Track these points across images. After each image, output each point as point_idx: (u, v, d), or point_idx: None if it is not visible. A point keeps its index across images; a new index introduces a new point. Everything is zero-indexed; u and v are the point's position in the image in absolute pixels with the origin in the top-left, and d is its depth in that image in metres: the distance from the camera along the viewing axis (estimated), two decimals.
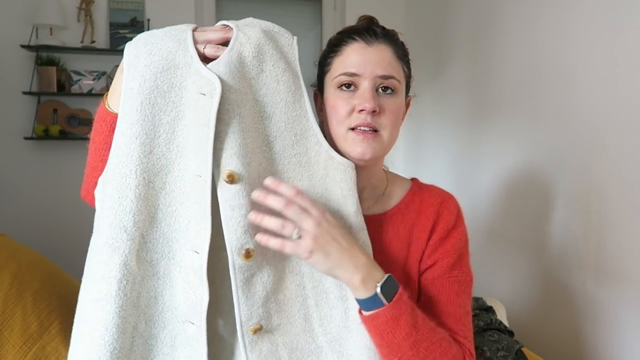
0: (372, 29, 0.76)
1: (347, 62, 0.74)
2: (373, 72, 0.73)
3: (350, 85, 0.74)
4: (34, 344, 1.20)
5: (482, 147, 2.16)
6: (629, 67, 1.38)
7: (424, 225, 0.82)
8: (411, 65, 0.85)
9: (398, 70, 0.76)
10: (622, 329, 1.42)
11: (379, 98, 0.74)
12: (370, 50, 0.74)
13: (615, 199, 1.43)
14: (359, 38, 0.75)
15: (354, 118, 0.73)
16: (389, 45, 0.76)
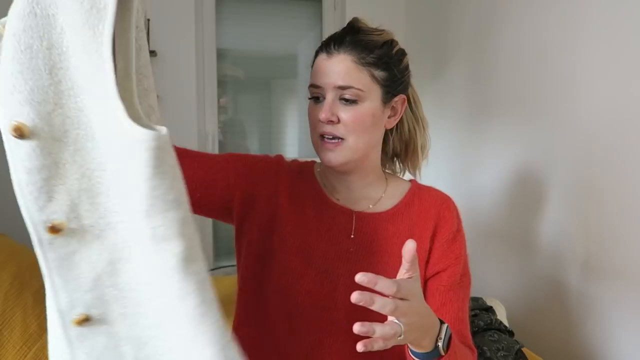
0: (339, 38, 0.78)
1: (314, 75, 0.80)
2: (332, 84, 0.77)
3: (319, 97, 0.79)
4: (34, 344, 1.20)
5: (482, 147, 2.16)
6: (628, 67, 1.38)
7: (425, 226, 0.84)
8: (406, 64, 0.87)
9: (360, 78, 0.77)
10: (622, 329, 1.42)
11: (339, 108, 0.78)
12: (330, 62, 0.78)
13: (615, 199, 1.43)
14: (323, 49, 0.80)
15: (319, 127, 0.79)
16: (349, 53, 0.77)
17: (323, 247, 0.82)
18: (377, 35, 0.80)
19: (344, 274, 0.80)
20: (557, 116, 1.67)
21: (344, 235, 0.83)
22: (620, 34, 1.41)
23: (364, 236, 0.83)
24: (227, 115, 2.98)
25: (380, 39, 0.80)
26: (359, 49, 0.78)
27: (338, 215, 0.85)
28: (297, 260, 0.81)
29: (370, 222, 0.83)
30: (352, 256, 0.82)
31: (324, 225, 0.84)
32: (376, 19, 3.05)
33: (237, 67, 2.96)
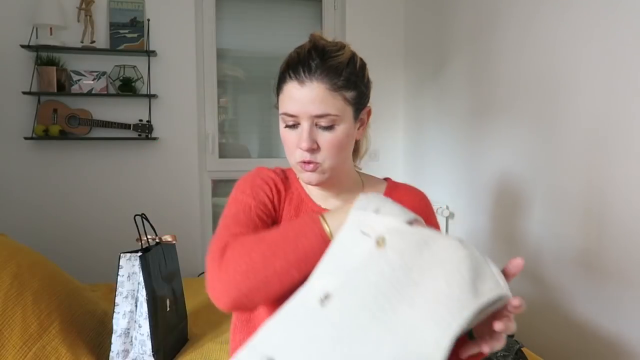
0: (307, 64, 0.77)
1: (285, 103, 0.79)
2: (308, 113, 0.78)
3: (294, 125, 0.80)
4: (34, 344, 1.20)
5: (482, 146, 2.16)
6: (629, 68, 1.38)
7: None
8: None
9: (334, 104, 0.78)
10: (622, 329, 1.42)
11: (317, 133, 0.80)
12: (303, 91, 0.77)
13: (615, 199, 1.43)
14: (293, 76, 0.78)
15: (298, 154, 0.81)
16: (322, 80, 0.77)
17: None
18: (342, 54, 0.80)
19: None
20: (556, 115, 1.67)
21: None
22: (620, 34, 1.41)
23: None
24: (227, 115, 2.98)
25: (344, 57, 0.80)
26: (330, 74, 0.78)
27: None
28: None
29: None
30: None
31: None
32: (376, 19, 3.04)
33: (237, 67, 2.96)
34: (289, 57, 0.81)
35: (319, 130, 0.79)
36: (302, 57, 0.78)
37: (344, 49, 0.82)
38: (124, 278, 1.31)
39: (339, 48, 0.81)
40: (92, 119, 2.55)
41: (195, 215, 2.76)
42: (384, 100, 3.00)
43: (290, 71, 0.79)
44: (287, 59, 0.82)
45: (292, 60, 0.80)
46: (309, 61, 0.77)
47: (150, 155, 2.69)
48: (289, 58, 0.81)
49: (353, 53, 0.83)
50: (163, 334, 1.33)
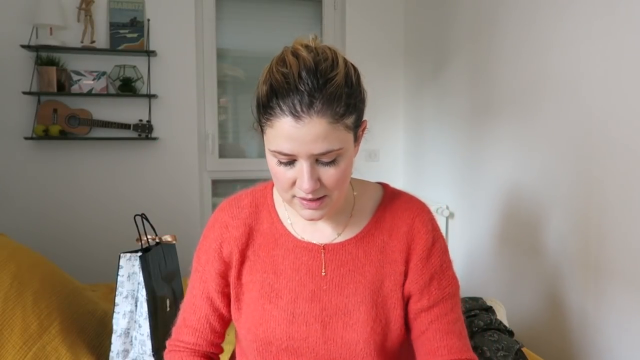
0: (303, 96, 0.64)
1: (278, 141, 0.67)
2: (308, 152, 0.66)
3: (288, 163, 0.69)
4: (34, 344, 1.20)
5: (483, 147, 2.16)
6: (628, 68, 1.38)
7: (398, 246, 0.79)
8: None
9: (337, 137, 0.67)
10: (622, 329, 1.42)
11: (319, 170, 0.69)
12: (301, 129, 0.64)
13: (615, 199, 1.43)
14: (287, 111, 0.64)
15: (296, 190, 0.70)
16: (323, 115, 0.64)
17: (294, 290, 0.78)
18: (338, 73, 0.66)
19: (317, 314, 0.77)
20: (557, 116, 1.67)
21: (314, 274, 0.79)
22: (620, 34, 1.41)
23: (335, 270, 0.79)
24: (227, 115, 2.97)
25: (341, 76, 0.66)
26: (332, 105, 0.65)
27: (305, 253, 0.80)
28: (269, 307, 0.78)
29: (341, 253, 0.79)
30: (324, 295, 0.78)
31: (291, 266, 0.80)
32: (376, 19, 3.04)
33: (237, 67, 2.96)
34: (274, 80, 0.66)
35: (321, 166, 0.69)
36: (293, 84, 0.64)
37: (337, 61, 0.68)
38: (124, 278, 1.31)
39: (332, 63, 0.67)
40: (92, 119, 2.55)
41: (195, 215, 2.76)
42: (384, 100, 3.00)
43: (280, 102, 0.65)
44: (272, 82, 0.66)
45: (280, 88, 0.65)
46: (304, 90, 0.64)
47: (150, 155, 2.69)
48: (273, 82, 0.66)
49: (346, 63, 0.70)
50: (163, 334, 1.33)
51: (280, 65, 0.67)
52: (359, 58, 2.71)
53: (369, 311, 0.76)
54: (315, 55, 0.67)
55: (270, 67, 0.69)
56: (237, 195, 0.87)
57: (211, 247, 0.84)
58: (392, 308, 0.78)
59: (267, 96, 0.67)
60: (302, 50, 0.67)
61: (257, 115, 0.72)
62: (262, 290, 0.79)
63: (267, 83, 0.68)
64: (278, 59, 0.69)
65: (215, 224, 0.85)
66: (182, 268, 1.54)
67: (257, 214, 0.84)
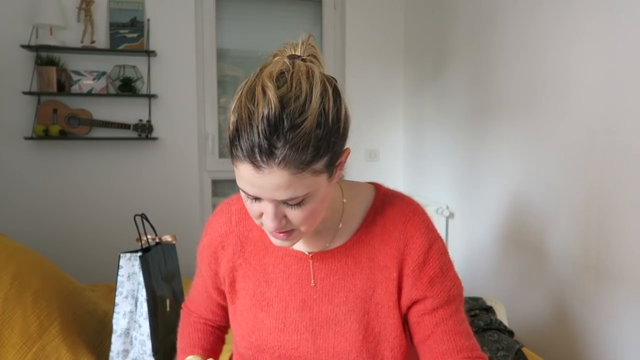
0: (263, 146, 0.58)
1: (242, 182, 0.63)
2: (273, 197, 0.62)
3: (255, 199, 0.65)
4: (34, 344, 1.20)
5: (483, 147, 2.16)
6: (628, 69, 1.38)
7: (389, 252, 0.76)
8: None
9: (303, 184, 0.62)
10: (622, 329, 1.42)
11: (285, 210, 0.65)
12: (261, 179, 0.60)
13: (615, 199, 1.43)
14: (247, 158, 0.59)
15: (264, 224, 0.68)
16: (285, 166, 0.59)
17: (285, 299, 0.78)
18: (307, 117, 0.59)
19: (308, 324, 0.77)
20: (557, 115, 1.67)
21: (304, 283, 0.78)
22: (619, 34, 1.41)
23: (325, 280, 0.77)
24: (227, 115, 2.97)
25: (311, 120, 0.59)
26: (296, 154, 0.58)
27: (295, 262, 0.78)
28: (261, 316, 0.78)
29: (329, 262, 0.77)
30: (315, 304, 0.77)
31: (281, 274, 0.79)
32: (376, 19, 3.03)
33: (237, 67, 2.96)
34: (239, 116, 0.60)
35: (287, 207, 0.65)
36: (255, 127, 0.58)
37: (310, 99, 0.59)
38: (124, 278, 1.31)
39: (304, 102, 0.59)
40: (92, 119, 2.55)
41: (195, 215, 2.76)
42: (384, 100, 3.00)
43: (242, 145, 0.59)
44: (237, 117, 0.60)
45: (243, 127, 0.59)
46: (264, 139, 0.57)
47: (150, 155, 2.69)
48: (239, 117, 0.60)
49: (322, 98, 0.61)
50: (163, 334, 1.33)
51: (249, 99, 0.60)
52: (359, 58, 2.73)
53: (360, 320, 0.75)
54: (286, 92, 0.59)
55: (240, 95, 0.62)
56: (229, 200, 0.86)
57: (204, 251, 0.87)
58: (386, 316, 0.76)
59: (232, 131, 0.61)
60: (269, 87, 0.59)
61: (228, 148, 0.65)
62: (254, 298, 0.79)
63: (234, 114, 0.61)
64: (248, 89, 0.61)
65: (209, 228, 0.86)
66: (182, 268, 1.54)
67: (247, 220, 0.82)
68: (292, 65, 0.62)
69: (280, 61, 0.63)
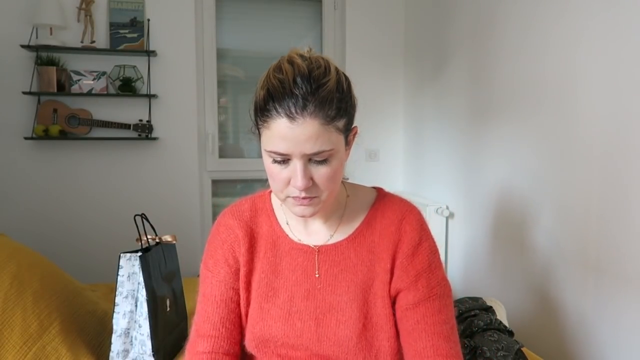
0: (297, 98, 0.69)
1: (274, 141, 0.72)
2: (301, 152, 0.71)
3: (283, 161, 0.74)
4: (34, 344, 1.20)
5: (483, 147, 2.16)
6: (629, 69, 1.38)
7: (385, 245, 0.83)
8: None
9: (329, 138, 0.72)
10: (622, 329, 1.42)
11: (312, 169, 0.74)
12: (295, 129, 0.70)
13: (616, 199, 1.43)
14: (282, 112, 0.70)
15: (290, 189, 0.76)
16: (316, 116, 0.70)
17: (290, 289, 0.84)
18: (329, 79, 0.72)
19: (312, 312, 0.82)
20: (556, 115, 1.67)
21: (309, 274, 0.84)
22: (620, 34, 1.41)
23: (328, 270, 0.84)
24: (227, 115, 2.98)
25: (332, 82, 0.72)
26: (323, 107, 0.70)
27: (301, 255, 0.85)
28: (266, 306, 0.83)
29: (333, 254, 0.84)
30: (319, 293, 0.83)
31: (288, 267, 0.85)
32: (376, 19, 3.03)
33: (237, 67, 2.96)
34: (271, 85, 0.72)
35: (313, 165, 0.74)
36: (289, 89, 0.70)
37: (329, 69, 0.74)
38: (124, 278, 1.31)
39: (324, 70, 0.73)
40: (92, 119, 2.55)
41: (195, 215, 2.76)
42: (384, 100, 3.00)
43: (276, 105, 0.70)
44: (269, 87, 0.72)
45: (276, 92, 0.71)
46: (298, 94, 0.69)
47: (150, 155, 2.69)
48: (270, 87, 0.72)
49: (337, 72, 0.75)
50: (163, 334, 1.33)
51: (277, 72, 0.73)
52: (359, 58, 2.73)
53: (360, 308, 0.80)
54: (309, 63, 0.73)
55: (267, 74, 0.75)
56: (238, 202, 0.92)
57: (219, 250, 0.88)
58: (382, 306, 0.81)
59: (264, 100, 0.72)
60: (297, 58, 0.73)
61: (254, 118, 0.77)
62: (259, 290, 0.84)
63: (264, 88, 0.73)
64: (275, 67, 0.75)
65: (220, 227, 0.90)
66: (182, 268, 1.54)
67: (257, 217, 0.89)
68: (308, 52, 0.76)
69: (296, 50, 0.76)
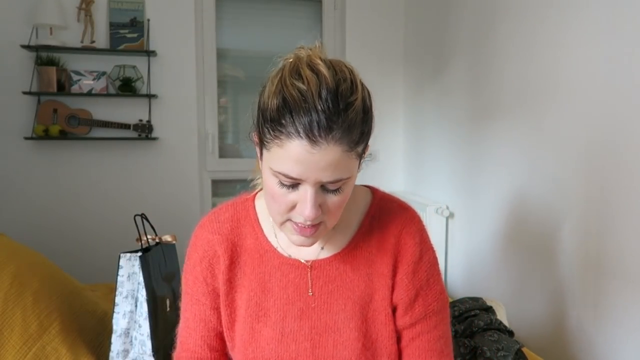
0: (322, 120, 0.58)
1: (287, 163, 0.61)
2: (317, 179, 0.62)
3: (291, 186, 0.64)
4: (34, 344, 1.20)
5: (483, 147, 2.16)
6: (629, 69, 1.38)
7: (385, 259, 0.77)
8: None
9: (347, 165, 0.63)
10: (623, 329, 1.42)
11: (322, 197, 0.65)
12: (315, 155, 0.59)
13: (616, 198, 1.43)
14: (302, 133, 0.59)
15: (294, 215, 0.66)
16: (340, 142, 0.60)
17: (282, 308, 0.76)
18: (357, 97, 0.62)
19: (307, 333, 0.75)
20: (557, 116, 1.67)
21: (301, 292, 0.76)
22: (621, 38, 1.41)
23: (323, 287, 0.76)
24: (227, 115, 2.98)
25: (359, 100, 0.62)
26: (350, 133, 0.61)
27: (292, 271, 0.77)
28: (258, 326, 0.76)
29: (327, 269, 0.76)
30: (313, 313, 0.76)
31: (278, 284, 0.77)
32: (376, 19, 3.03)
33: (237, 67, 2.96)
34: (288, 94, 0.60)
35: (325, 192, 0.65)
36: (312, 105, 0.59)
37: (355, 83, 0.63)
38: (124, 278, 1.31)
39: (351, 85, 0.62)
40: (92, 119, 2.55)
41: (195, 215, 2.76)
42: (384, 101, 3.00)
43: (295, 122, 0.59)
44: (285, 95, 0.60)
45: (296, 105, 0.59)
46: (323, 113, 0.58)
47: (150, 155, 2.69)
48: (288, 96, 0.60)
49: (362, 86, 0.65)
50: (163, 334, 1.33)
51: (296, 78, 0.61)
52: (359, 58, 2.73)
53: (359, 327, 0.74)
54: (333, 73, 0.61)
55: (281, 78, 0.62)
56: (216, 210, 0.83)
57: (197, 267, 0.80)
58: (384, 323, 0.76)
59: (278, 110, 0.60)
60: (319, 65, 0.61)
61: (260, 128, 0.65)
62: (249, 309, 0.77)
63: (278, 95, 0.61)
64: (291, 70, 0.62)
65: (197, 242, 0.81)
66: (182, 268, 1.53)
67: (239, 229, 0.80)
68: (319, 50, 0.66)
69: (317, 52, 0.66)
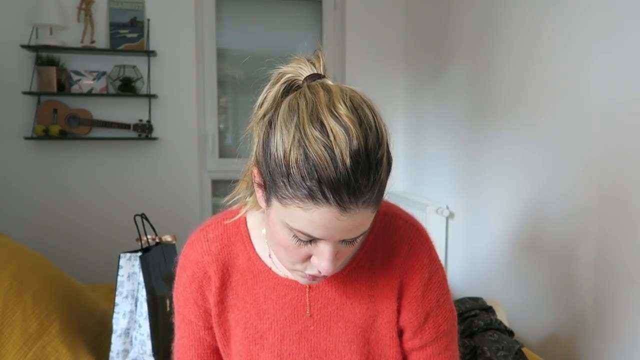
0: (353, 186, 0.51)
1: (310, 226, 0.54)
2: (340, 238, 0.57)
3: (307, 241, 0.58)
4: (34, 344, 1.20)
5: (483, 147, 2.16)
6: (629, 69, 1.38)
7: (390, 282, 0.73)
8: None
9: (370, 219, 0.58)
10: (623, 329, 1.42)
11: (339, 245, 0.59)
12: (344, 221, 0.54)
13: (616, 199, 1.43)
14: (332, 201, 0.52)
15: (307, 266, 0.62)
16: (369, 205, 0.54)
17: (279, 331, 0.72)
18: (383, 150, 0.55)
19: (306, 356, 0.72)
20: (558, 116, 1.67)
21: (299, 314, 0.72)
22: (620, 34, 1.41)
23: (322, 309, 0.72)
24: (227, 115, 2.98)
25: (385, 154, 0.55)
26: (379, 193, 0.55)
27: (289, 292, 0.72)
28: (255, 349, 0.73)
29: (326, 290, 0.72)
30: (312, 336, 0.72)
31: (274, 305, 0.73)
32: (376, 19, 3.03)
33: (237, 67, 2.96)
34: (313, 152, 0.51)
35: (341, 244, 0.59)
36: (344, 170, 0.50)
37: (380, 132, 0.55)
38: (124, 278, 1.31)
39: (377, 135, 0.54)
40: (92, 119, 2.55)
41: (195, 216, 2.76)
42: (384, 100, 3.00)
43: (325, 190, 0.51)
44: (310, 154, 0.51)
45: (324, 171, 0.50)
46: (354, 180, 0.51)
47: (150, 155, 2.69)
48: (314, 156, 0.51)
49: (384, 125, 0.58)
50: (163, 334, 1.33)
51: (317, 129, 0.51)
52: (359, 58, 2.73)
53: (360, 351, 0.72)
54: (359, 122, 0.53)
55: (299, 125, 0.52)
56: (204, 227, 0.79)
57: (187, 289, 0.76)
58: (388, 346, 0.73)
59: (299, 168, 0.52)
60: (345, 115, 0.52)
61: (270, 177, 0.56)
62: (245, 331, 0.73)
63: (298, 149, 0.52)
64: (311, 117, 0.52)
65: (186, 262, 0.77)
66: None
67: (230, 247, 0.75)
68: (321, 57, 0.60)
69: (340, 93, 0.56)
